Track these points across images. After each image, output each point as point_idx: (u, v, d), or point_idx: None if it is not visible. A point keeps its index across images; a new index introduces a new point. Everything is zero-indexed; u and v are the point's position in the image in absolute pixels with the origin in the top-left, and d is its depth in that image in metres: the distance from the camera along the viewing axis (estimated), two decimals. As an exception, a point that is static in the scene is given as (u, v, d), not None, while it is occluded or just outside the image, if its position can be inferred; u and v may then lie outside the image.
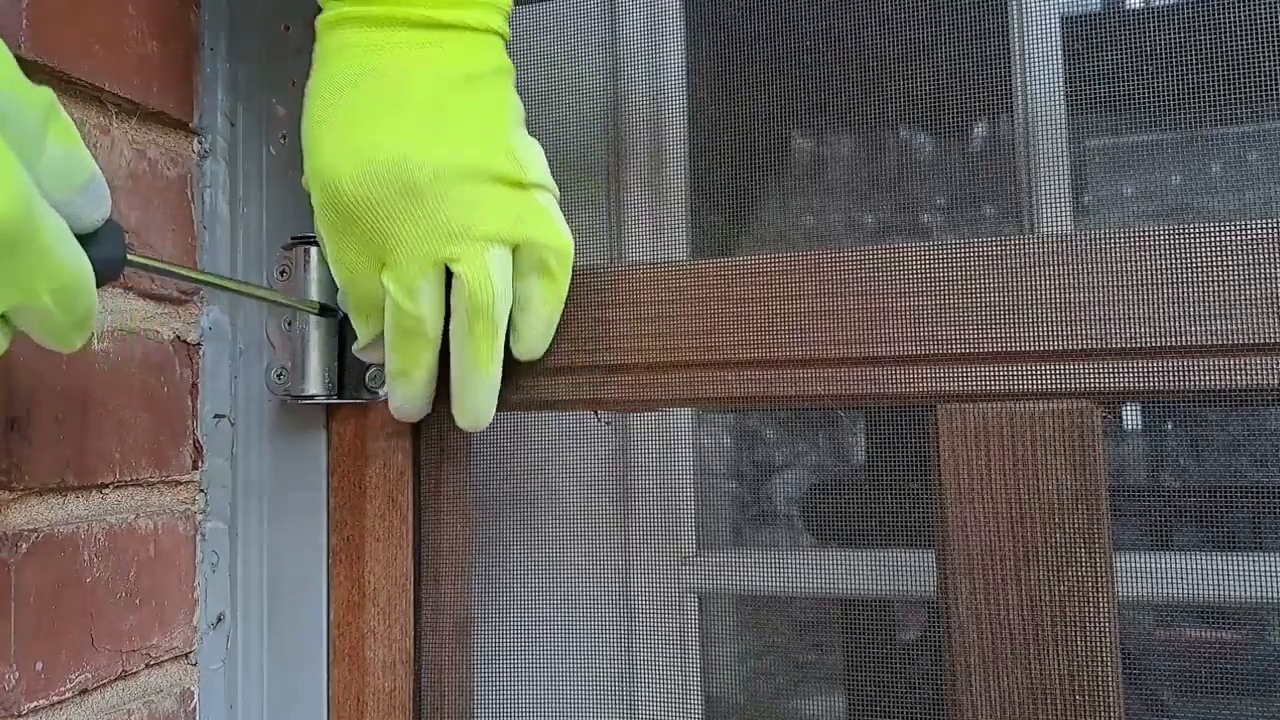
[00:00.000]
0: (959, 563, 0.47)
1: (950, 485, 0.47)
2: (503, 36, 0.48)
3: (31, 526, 0.46)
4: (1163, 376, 0.45)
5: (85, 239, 0.36)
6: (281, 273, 0.56)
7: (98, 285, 0.36)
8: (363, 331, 0.50)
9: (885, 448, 0.70)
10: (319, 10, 0.47)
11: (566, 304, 0.52)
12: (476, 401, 0.49)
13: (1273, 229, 0.44)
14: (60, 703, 0.46)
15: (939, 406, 0.48)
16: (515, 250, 0.47)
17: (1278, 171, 0.61)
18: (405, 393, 0.50)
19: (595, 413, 0.56)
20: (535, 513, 0.69)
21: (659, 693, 0.67)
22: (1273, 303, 0.44)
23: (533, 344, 0.51)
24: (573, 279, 0.53)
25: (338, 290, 0.50)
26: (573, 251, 0.50)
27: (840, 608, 0.71)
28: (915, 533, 0.63)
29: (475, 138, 0.46)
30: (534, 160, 0.48)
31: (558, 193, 0.50)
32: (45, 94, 0.34)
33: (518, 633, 0.68)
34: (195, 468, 0.57)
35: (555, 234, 0.48)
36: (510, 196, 0.47)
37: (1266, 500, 0.61)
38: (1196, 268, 0.45)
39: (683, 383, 0.51)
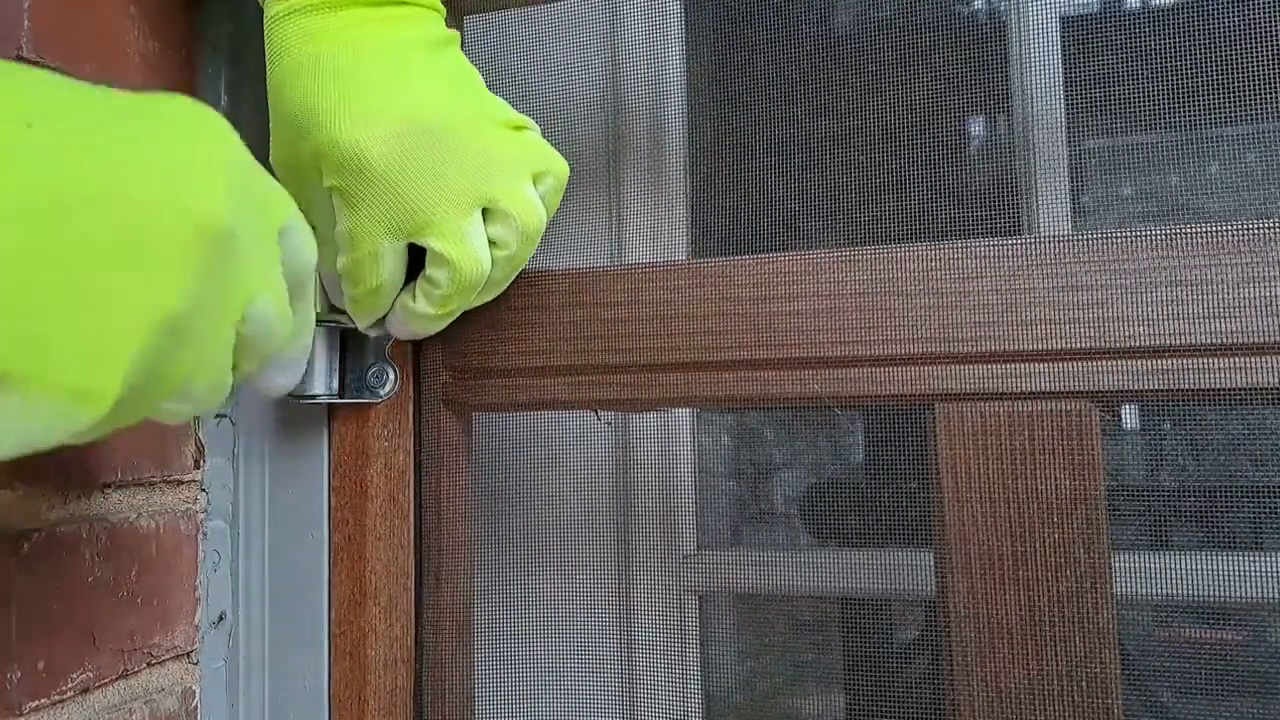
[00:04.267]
0: (957, 562, 0.47)
1: (949, 485, 0.47)
2: (439, 12, 0.51)
3: (33, 526, 0.46)
4: (1162, 376, 0.45)
5: None
6: (283, 273, 0.56)
7: None
8: (368, 303, 0.50)
9: (884, 447, 0.70)
10: (261, 11, 0.48)
11: (569, 304, 0.52)
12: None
13: (1272, 229, 0.44)
14: (62, 701, 0.46)
15: (937, 406, 0.48)
16: (535, 181, 0.50)
17: (1275, 172, 0.61)
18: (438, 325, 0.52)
19: (595, 412, 0.56)
20: (536, 512, 0.69)
21: (659, 691, 0.67)
22: (1272, 303, 0.44)
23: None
24: (574, 279, 0.53)
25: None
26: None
27: (839, 607, 0.71)
28: (914, 532, 0.63)
29: (470, 90, 0.49)
30: (510, 108, 0.51)
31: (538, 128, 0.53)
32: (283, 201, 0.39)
33: (518, 631, 0.69)
34: (197, 467, 0.57)
35: (562, 163, 0.51)
36: (517, 136, 0.50)
37: (1265, 500, 0.61)
38: (1194, 268, 0.45)
39: (683, 383, 0.51)
